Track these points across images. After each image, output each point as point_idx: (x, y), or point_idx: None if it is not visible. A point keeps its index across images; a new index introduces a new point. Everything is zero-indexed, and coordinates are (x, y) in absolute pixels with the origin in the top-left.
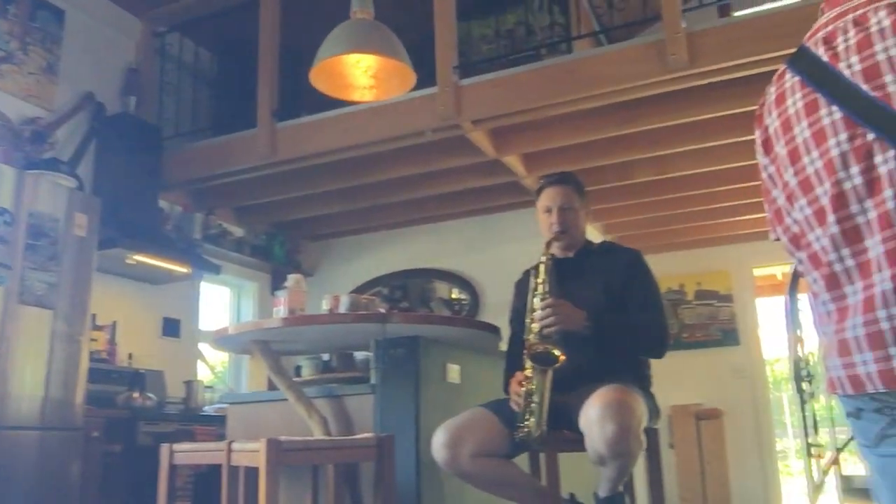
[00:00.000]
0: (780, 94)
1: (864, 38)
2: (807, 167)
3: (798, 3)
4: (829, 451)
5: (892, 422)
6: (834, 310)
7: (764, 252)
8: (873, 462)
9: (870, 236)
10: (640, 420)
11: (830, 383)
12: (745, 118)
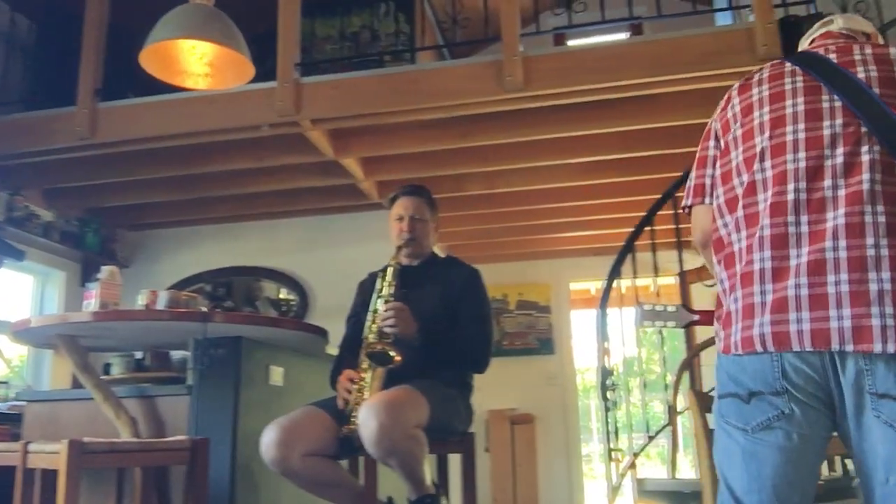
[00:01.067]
0: (776, 74)
1: (883, 55)
2: (787, 134)
3: (625, 41)
4: (627, 456)
5: (780, 415)
6: (770, 268)
7: (581, 268)
8: (741, 442)
9: (833, 209)
10: (413, 418)
11: (746, 341)
12: (573, 142)
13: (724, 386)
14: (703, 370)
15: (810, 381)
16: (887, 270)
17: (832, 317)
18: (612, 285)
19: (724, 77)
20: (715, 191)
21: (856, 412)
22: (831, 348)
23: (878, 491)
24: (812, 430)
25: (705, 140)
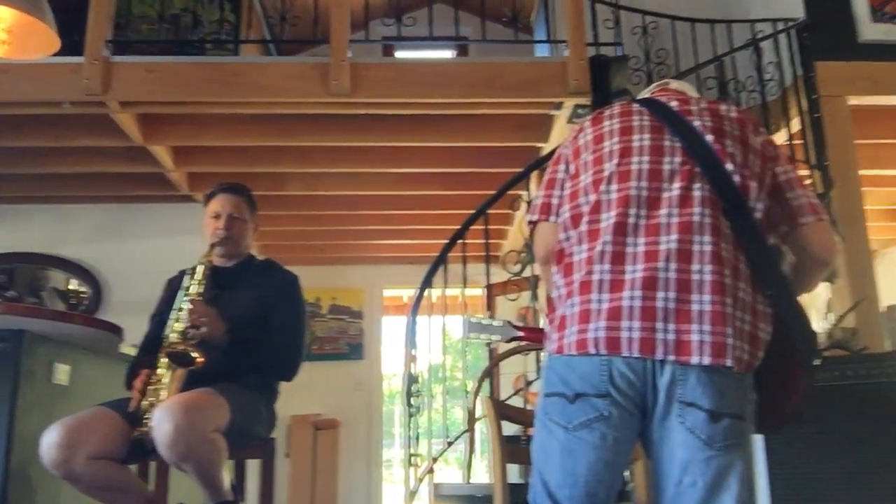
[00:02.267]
0: (626, 111)
1: (716, 110)
2: (633, 163)
3: (452, 60)
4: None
5: (599, 417)
6: (608, 280)
7: (395, 275)
8: (561, 439)
9: (667, 234)
10: (212, 421)
11: (581, 343)
12: (395, 152)
13: (552, 385)
14: (502, 379)
15: (631, 386)
16: (708, 293)
17: (658, 329)
18: (423, 294)
19: (539, 105)
20: (561, 209)
21: (663, 417)
22: (655, 357)
23: (670, 491)
24: (625, 433)
25: (555, 164)
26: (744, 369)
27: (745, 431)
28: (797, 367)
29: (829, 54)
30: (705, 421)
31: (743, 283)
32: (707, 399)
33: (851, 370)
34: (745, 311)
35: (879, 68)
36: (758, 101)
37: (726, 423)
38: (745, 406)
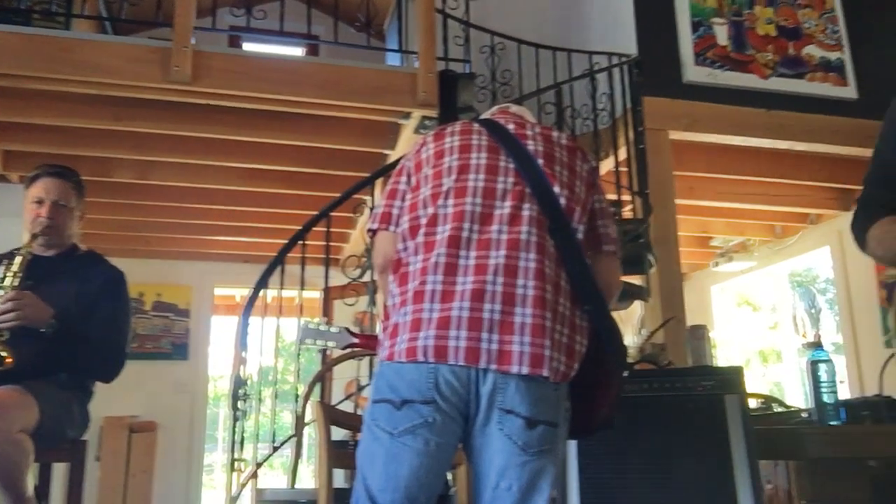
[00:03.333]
0: (466, 129)
1: (549, 136)
2: (469, 180)
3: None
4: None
5: (424, 423)
6: (440, 290)
7: (228, 273)
8: (386, 445)
9: (496, 250)
10: (19, 421)
11: (410, 351)
12: (237, 146)
13: (381, 392)
14: (334, 383)
15: (456, 393)
16: (530, 307)
17: (483, 339)
18: (258, 294)
19: (386, 113)
20: (401, 220)
21: (484, 423)
22: (479, 365)
23: (487, 495)
24: (447, 438)
25: (398, 175)
26: (560, 379)
27: (559, 438)
28: (609, 378)
29: (655, 91)
30: (522, 428)
31: (563, 298)
32: (525, 407)
33: (658, 383)
34: (563, 324)
35: (698, 107)
36: (590, 129)
37: (541, 430)
38: (560, 414)
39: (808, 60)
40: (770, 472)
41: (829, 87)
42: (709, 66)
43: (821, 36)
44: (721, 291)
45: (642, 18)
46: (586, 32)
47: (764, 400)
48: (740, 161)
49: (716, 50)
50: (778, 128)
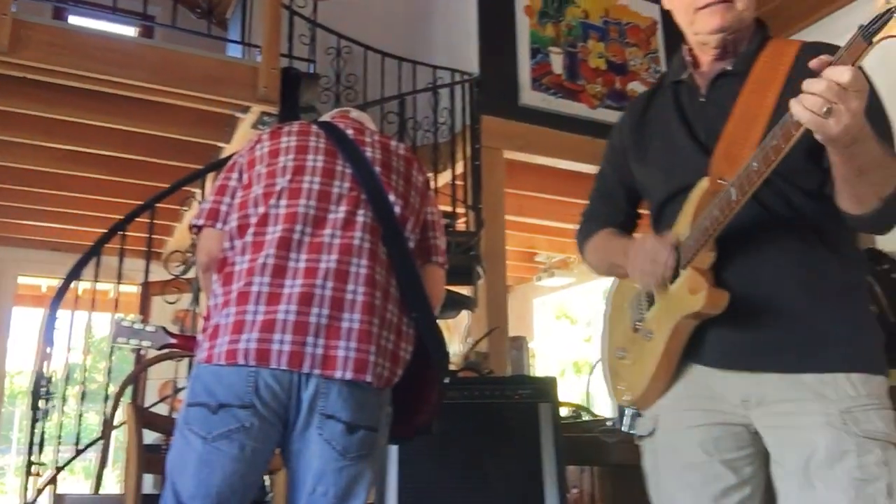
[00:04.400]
0: (304, 130)
1: (387, 144)
2: (304, 182)
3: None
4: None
5: (241, 428)
6: (266, 293)
7: (34, 261)
8: (199, 449)
9: (328, 254)
10: None
11: (231, 353)
12: (56, 125)
13: (197, 395)
14: (148, 384)
15: (276, 398)
16: (358, 313)
17: (308, 343)
18: (69, 286)
19: (223, 104)
20: (229, 217)
21: (304, 428)
22: (301, 370)
23: (303, 500)
24: (265, 444)
25: (229, 171)
26: (383, 385)
27: (377, 443)
28: (431, 385)
29: (493, 110)
30: (342, 433)
31: (392, 305)
32: (346, 412)
33: (478, 390)
34: (390, 331)
35: (532, 130)
36: (431, 141)
37: (361, 435)
38: (381, 419)
39: (631, 95)
40: (577, 477)
41: None
42: (544, 91)
43: (644, 74)
44: (542, 304)
45: (485, 40)
46: (432, 47)
47: (575, 409)
48: (567, 183)
49: (551, 77)
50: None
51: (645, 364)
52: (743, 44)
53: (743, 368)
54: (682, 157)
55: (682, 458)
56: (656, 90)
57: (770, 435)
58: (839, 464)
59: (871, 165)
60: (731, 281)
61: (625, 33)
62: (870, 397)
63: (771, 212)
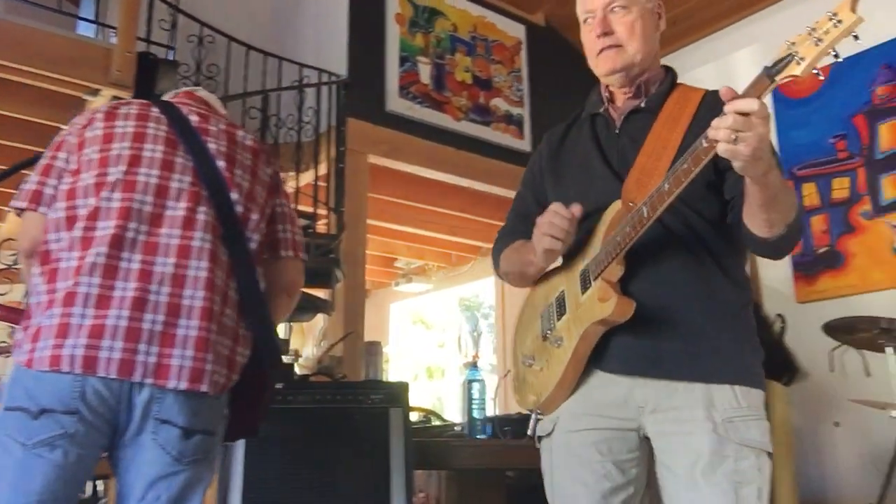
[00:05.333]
0: (143, 115)
1: (233, 135)
2: (140, 174)
3: None
4: None
5: (64, 434)
6: (95, 295)
7: None
8: (18, 456)
9: (165, 256)
10: None
11: (55, 359)
12: None
13: (16, 399)
14: None
15: (105, 404)
16: (196, 319)
17: (141, 351)
18: None
19: (73, 86)
20: (55, 203)
21: (136, 433)
22: (133, 379)
23: None
24: (90, 450)
25: (56, 149)
26: (219, 391)
27: (214, 447)
28: (262, 388)
29: (360, 114)
30: (178, 438)
31: (230, 309)
32: (182, 417)
33: (330, 395)
34: (227, 336)
35: (397, 137)
36: (294, 140)
37: (197, 440)
38: (219, 423)
39: (494, 111)
40: (424, 481)
41: (510, 137)
42: (410, 99)
43: (507, 91)
44: (399, 309)
45: (355, 43)
46: (300, 44)
47: (425, 414)
48: (429, 192)
49: (418, 86)
50: (464, 167)
51: (553, 370)
52: (655, 85)
53: (640, 375)
54: (597, 181)
55: (577, 457)
56: (574, 121)
57: (660, 440)
58: (720, 467)
59: (780, 193)
60: (636, 294)
61: (491, 50)
62: (750, 409)
63: (675, 235)
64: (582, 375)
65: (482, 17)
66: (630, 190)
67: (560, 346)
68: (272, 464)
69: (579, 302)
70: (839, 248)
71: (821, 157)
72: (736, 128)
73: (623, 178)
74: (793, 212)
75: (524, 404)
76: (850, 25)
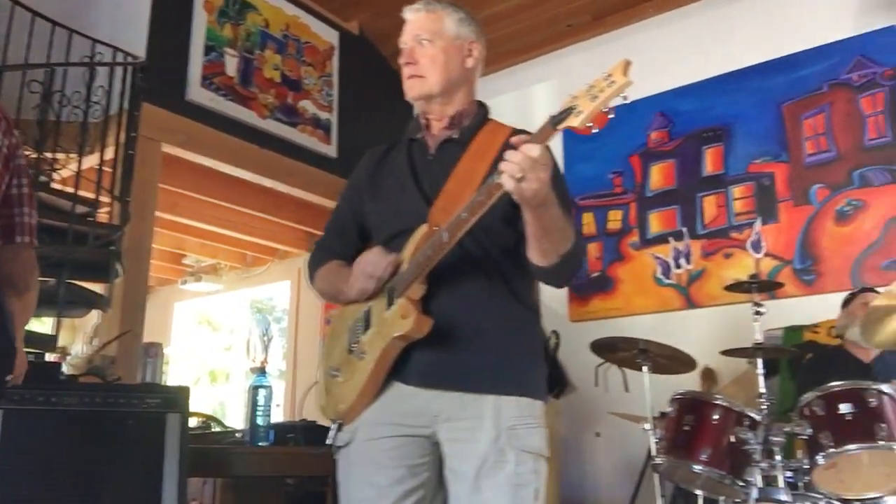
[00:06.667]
0: None
1: None
2: None
3: None
4: None
5: None
6: None
7: None
8: None
9: None
10: None
11: None
12: None
13: None
14: None
15: None
16: None
17: None
18: None
19: None
20: None
21: None
22: None
23: None
24: None
25: None
26: None
27: None
28: None
29: (156, 100)
30: None
31: None
32: None
33: (101, 397)
34: None
35: (196, 128)
36: (80, 119)
37: None
38: None
39: (302, 113)
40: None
41: (316, 141)
42: (214, 91)
43: (317, 94)
44: (184, 309)
45: (157, 25)
46: (94, 17)
47: (205, 419)
48: (227, 188)
49: (223, 78)
50: (266, 166)
51: (355, 381)
52: (468, 119)
53: (435, 387)
54: (409, 203)
55: (372, 463)
56: (395, 144)
57: (450, 446)
58: (501, 472)
59: (553, 226)
60: (436, 312)
61: (302, 51)
62: (532, 418)
63: (473, 259)
64: (383, 387)
65: (296, 18)
66: (436, 215)
67: (363, 359)
68: (27, 470)
69: (383, 318)
70: (610, 273)
71: (600, 191)
72: (523, 168)
73: (432, 202)
74: (567, 244)
75: (327, 414)
76: (621, 86)
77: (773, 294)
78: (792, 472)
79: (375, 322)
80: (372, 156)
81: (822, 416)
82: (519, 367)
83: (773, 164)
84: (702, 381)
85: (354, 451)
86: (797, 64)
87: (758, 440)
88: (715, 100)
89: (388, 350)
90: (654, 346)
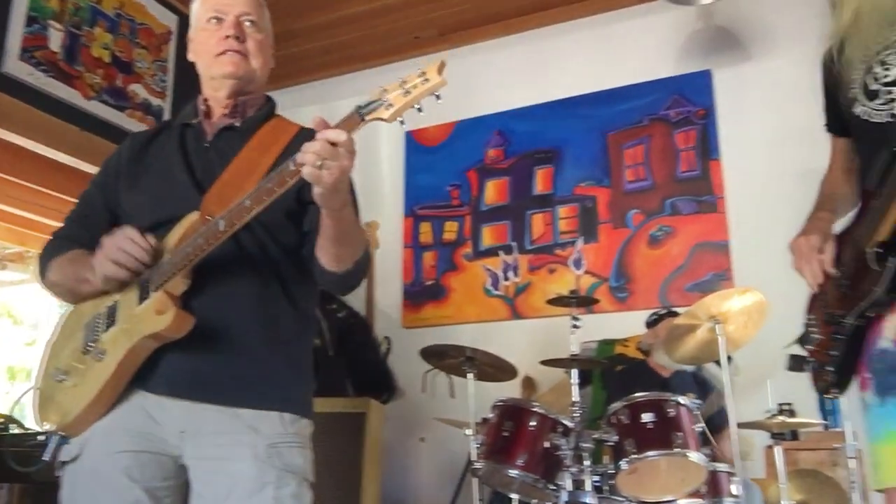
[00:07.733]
0: None
1: None
2: None
3: None
4: None
5: None
6: None
7: None
8: None
9: None
10: None
11: None
12: None
13: None
14: None
15: None
16: None
17: None
18: None
19: None
20: None
21: None
22: None
23: None
24: None
25: None
26: None
27: None
28: None
29: None
30: None
31: None
32: None
33: None
34: None
35: (11, 103)
36: None
37: None
38: None
39: (132, 97)
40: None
41: (146, 128)
42: (34, 66)
43: (149, 79)
44: None
45: None
46: None
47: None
48: (42, 171)
49: (46, 53)
50: (88, 150)
51: (88, 386)
52: (253, 109)
53: (185, 398)
54: (177, 190)
55: (103, 483)
56: (162, 129)
57: (197, 468)
58: (258, 495)
59: (352, 230)
60: (196, 310)
61: (136, 33)
62: (296, 436)
63: (248, 256)
64: (123, 395)
65: None
66: (210, 203)
67: (102, 360)
68: None
69: (133, 313)
70: (443, 282)
71: (438, 202)
72: (323, 155)
73: (205, 191)
74: (361, 250)
75: (45, 423)
76: (435, 85)
77: (590, 309)
78: (598, 476)
79: (122, 318)
80: (135, 138)
81: (628, 425)
82: (283, 379)
83: (597, 188)
84: (522, 388)
85: (83, 468)
86: (622, 97)
87: (569, 446)
88: (548, 123)
89: (136, 351)
90: (480, 354)
